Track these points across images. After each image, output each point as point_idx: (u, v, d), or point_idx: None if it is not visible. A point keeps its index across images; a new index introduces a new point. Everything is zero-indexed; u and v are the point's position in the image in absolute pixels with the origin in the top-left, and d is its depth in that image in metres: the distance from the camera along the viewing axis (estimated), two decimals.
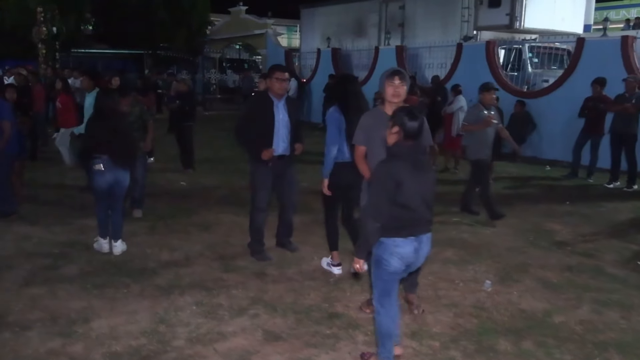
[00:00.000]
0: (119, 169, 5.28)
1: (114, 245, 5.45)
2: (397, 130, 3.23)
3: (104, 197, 5.42)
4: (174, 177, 9.19)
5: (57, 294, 4.51)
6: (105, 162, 5.22)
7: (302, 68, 20.89)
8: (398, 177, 3.13)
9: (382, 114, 4.02)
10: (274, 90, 5.17)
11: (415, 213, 3.22)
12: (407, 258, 3.27)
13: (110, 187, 5.34)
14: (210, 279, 4.89)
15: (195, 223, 6.61)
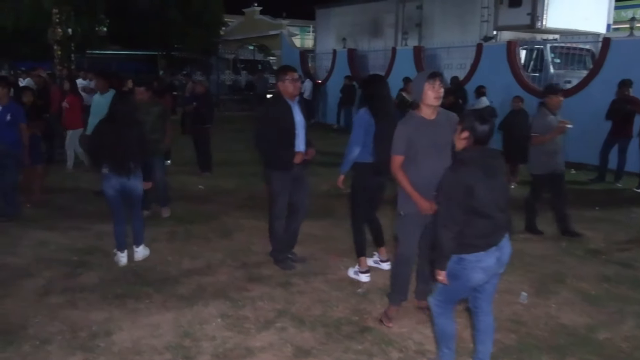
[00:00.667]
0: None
1: (136, 251, 5.31)
2: (467, 135, 3.07)
3: (116, 205, 5.18)
4: (192, 181, 9.04)
5: (77, 304, 4.36)
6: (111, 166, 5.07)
7: (317, 69, 20.70)
8: (469, 184, 2.97)
9: (422, 120, 3.85)
10: (289, 91, 5.00)
11: (492, 220, 3.07)
12: (490, 270, 3.14)
13: (119, 193, 5.13)
14: (234, 289, 4.71)
15: (216, 229, 6.44)
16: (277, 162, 5.01)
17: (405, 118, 3.97)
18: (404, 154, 3.85)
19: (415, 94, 3.89)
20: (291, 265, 5.22)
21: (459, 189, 2.99)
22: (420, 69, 15.07)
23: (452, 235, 3.02)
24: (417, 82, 3.86)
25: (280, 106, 5.00)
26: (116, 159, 5.02)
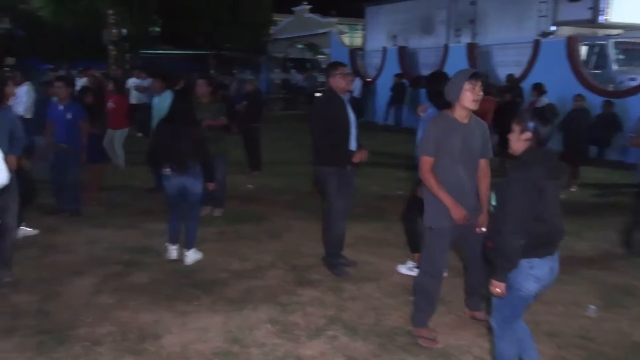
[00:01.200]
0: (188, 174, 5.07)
1: (186, 255, 5.25)
2: (529, 136, 2.84)
3: (176, 203, 5.24)
4: (241, 180, 9.01)
5: (127, 305, 4.34)
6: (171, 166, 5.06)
7: (366, 67, 20.48)
8: (540, 185, 2.76)
9: (453, 121, 3.60)
10: (341, 86, 4.87)
11: (553, 227, 2.85)
12: (543, 280, 2.90)
13: (179, 192, 5.15)
14: (284, 293, 4.60)
15: (265, 229, 6.36)
16: (333, 160, 4.85)
17: (436, 116, 3.70)
18: (433, 155, 3.59)
19: (452, 93, 3.58)
20: (345, 272, 5.05)
21: (530, 191, 2.77)
22: (473, 66, 14.65)
23: (523, 243, 2.78)
24: (455, 81, 3.57)
25: (334, 102, 4.87)
26: (174, 158, 5.01)
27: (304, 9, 26.11)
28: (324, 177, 4.94)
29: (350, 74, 5.13)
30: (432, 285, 3.79)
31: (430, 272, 3.76)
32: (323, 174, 4.93)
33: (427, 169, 3.59)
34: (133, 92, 13.18)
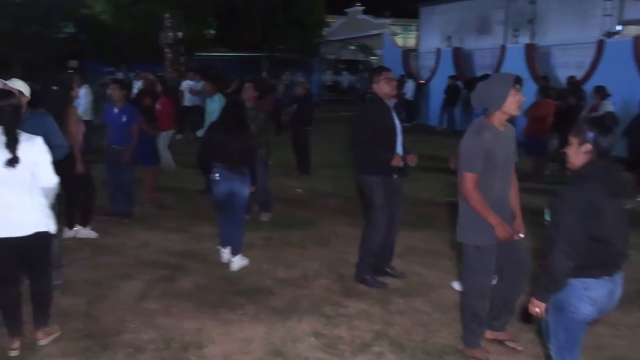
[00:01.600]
0: (234, 179, 5.04)
1: (232, 261, 5.21)
2: (589, 149, 2.62)
3: (224, 207, 5.24)
4: (290, 184, 8.95)
5: (171, 311, 4.31)
6: (221, 171, 5.04)
7: (419, 69, 20.12)
8: (596, 203, 2.54)
9: (495, 131, 3.35)
10: (386, 92, 4.71)
11: (612, 247, 2.62)
12: (600, 303, 2.67)
13: (227, 197, 5.13)
14: (330, 305, 4.46)
15: (312, 236, 6.25)
16: (377, 167, 4.69)
17: (477, 128, 3.40)
18: (480, 172, 3.33)
19: (495, 100, 3.31)
20: (380, 283, 4.87)
21: (585, 209, 2.55)
22: (532, 68, 14.13)
23: (572, 265, 2.58)
24: (498, 86, 3.31)
25: (379, 107, 4.71)
26: (229, 161, 5.01)
27: (357, 10, 25.94)
28: (369, 187, 4.76)
29: (395, 79, 4.96)
30: (481, 306, 3.58)
31: (478, 292, 3.54)
32: (368, 183, 4.76)
33: (472, 186, 3.34)
34: (187, 94, 13.37)
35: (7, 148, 3.31)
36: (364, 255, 4.91)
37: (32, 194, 3.46)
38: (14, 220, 3.40)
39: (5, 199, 3.37)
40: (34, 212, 3.48)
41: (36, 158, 3.44)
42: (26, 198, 3.43)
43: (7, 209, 3.38)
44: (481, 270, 3.51)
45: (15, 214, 3.40)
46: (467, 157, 3.34)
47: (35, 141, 3.48)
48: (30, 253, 3.57)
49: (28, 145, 3.41)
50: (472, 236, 3.45)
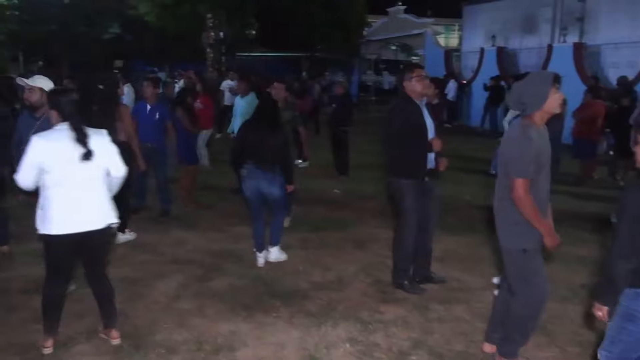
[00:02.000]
0: (262, 178, 4.98)
1: (270, 251, 5.23)
2: None
3: (255, 206, 5.19)
4: (328, 184, 8.83)
5: (205, 312, 4.25)
6: (250, 168, 5.00)
7: (462, 69, 19.72)
8: None
9: (538, 131, 3.14)
10: (417, 91, 4.50)
11: None
12: None
13: (257, 195, 5.08)
14: (366, 310, 4.32)
15: (350, 238, 6.12)
16: (407, 170, 4.51)
17: (521, 130, 3.15)
18: (533, 176, 3.10)
19: (536, 99, 3.10)
20: (418, 289, 4.69)
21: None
22: (580, 68, 13.63)
23: (630, 268, 2.44)
24: (538, 85, 3.10)
25: (409, 106, 4.51)
26: (262, 159, 4.95)
27: (399, 10, 25.70)
28: (399, 190, 4.58)
29: (428, 78, 4.78)
30: (533, 316, 3.35)
31: (532, 300, 3.31)
32: (398, 187, 4.58)
33: (525, 193, 3.09)
34: (227, 93, 13.44)
35: (78, 142, 3.29)
36: (398, 260, 4.75)
37: (101, 188, 3.48)
38: (83, 214, 3.38)
39: (76, 193, 3.34)
40: (101, 206, 3.48)
41: (105, 151, 3.46)
42: (95, 192, 3.44)
43: (77, 203, 3.35)
44: (533, 276, 3.28)
45: (84, 209, 3.38)
46: (517, 162, 3.10)
47: (102, 134, 3.51)
48: (94, 248, 3.56)
49: (96, 138, 3.41)
50: (519, 239, 3.22)
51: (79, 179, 3.35)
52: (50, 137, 3.35)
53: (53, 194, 3.31)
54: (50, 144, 3.31)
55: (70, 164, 3.29)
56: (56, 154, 3.29)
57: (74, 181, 3.33)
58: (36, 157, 3.28)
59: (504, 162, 3.23)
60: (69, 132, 3.32)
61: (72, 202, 3.33)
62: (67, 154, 3.29)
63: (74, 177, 3.33)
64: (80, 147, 3.30)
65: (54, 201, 3.31)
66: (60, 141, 3.30)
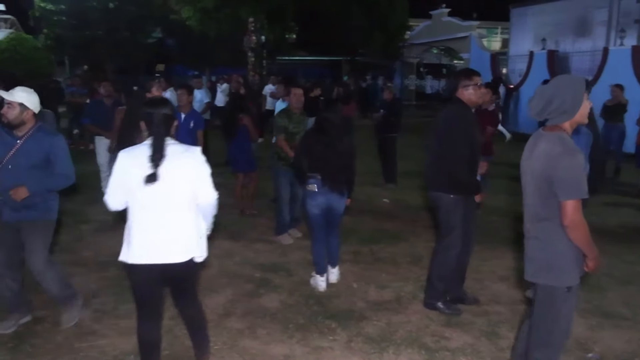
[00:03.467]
0: (332, 192, 4.64)
1: (331, 272, 4.89)
2: None
3: (319, 224, 4.78)
4: (375, 193, 8.52)
5: (257, 333, 4.00)
6: (318, 182, 4.63)
7: (509, 73, 19.11)
8: None
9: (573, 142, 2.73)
10: (473, 100, 4.17)
11: None
12: None
13: (324, 211, 4.71)
14: (430, 335, 3.99)
15: (404, 252, 5.79)
16: (461, 185, 4.16)
17: (565, 143, 2.68)
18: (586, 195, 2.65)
19: (568, 106, 2.68)
20: (456, 309, 4.35)
21: None
22: (638, 72, 12.93)
23: None
24: (573, 90, 2.69)
25: (467, 117, 4.15)
26: (328, 172, 4.60)
27: (442, 13, 25.14)
28: (448, 206, 4.21)
29: (483, 85, 4.44)
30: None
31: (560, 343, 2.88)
32: (447, 202, 4.20)
33: (581, 215, 2.63)
34: (268, 98, 13.28)
35: (151, 162, 2.86)
36: (436, 280, 4.38)
37: (186, 216, 2.98)
38: (163, 245, 2.92)
39: (156, 219, 2.91)
40: (184, 236, 2.98)
41: (193, 173, 2.99)
42: (178, 220, 2.95)
43: (155, 232, 2.91)
44: (567, 316, 2.82)
45: (164, 238, 2.92)
46: (571, 181, 2.62)
47: (193, 152, 3.04)
48: (177, 280, 3.12)
49: (184, 157, 2.97)
50: (564, 276, 2.75)
51: (160, 203, 2.90)
52: (134, 153, 2.93)
53: (134, 219, 2.94)
54: (134, 161, 2.90)
55: (145, 186, 2.87)
56: (136, 174, 2.87)
57: (152, 206, 2.90)
58: (121, 175, 2.91)
59: (546, 182, 2.70)
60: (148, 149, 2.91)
61: (152, 229, 2.91)
62: (144, 174, 2.87)
63: (152, 201, 2.89)
64: (151, 167, 2.85)
65: (134, 226, 2.93)
66: (140, 158, 2.88)
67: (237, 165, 7.16)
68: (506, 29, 25.00)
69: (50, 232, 3.97)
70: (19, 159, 3.71)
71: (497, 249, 5.83)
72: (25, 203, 3.73)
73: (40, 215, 3.85)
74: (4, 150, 3.73)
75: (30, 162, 3.73)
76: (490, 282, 4.96)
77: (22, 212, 3.78)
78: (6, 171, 3.71)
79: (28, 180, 3.70)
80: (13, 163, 3.71)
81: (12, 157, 3.70)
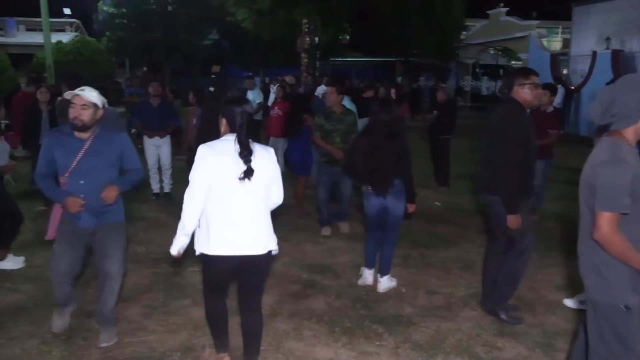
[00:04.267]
0: (387, 193, 4.52)
1: (379, 281, 4.75)
2: None
3: (375, 225, 4.74)
4: (427, 195, 8.33)
5: (302, 334, 3.95)
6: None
7: (570, 74, 18.41)
8: None
9: (632, 150, 2.43)
10: (529, 100, 3.98)
11: None
12: None
13: (380, 213, 4.63)
14: (481, 344, 3.84)
15: (455, 258, 5.62)
16: (523, 189, 3.96)
17: (614, 150, 2.41)
18: (627, 208, 2.36)
19: (632, 110, 2.41)
20: (517, 319, 4.16)
21: None
22: None
23: None
24: (626, 93, 2.40)
25: (523, 117, 3.97)
26: (375, 175, 4.52)
27: (500, 12, 24.51)
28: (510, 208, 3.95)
29: (540, 85, 4.26)
30: None
31: None
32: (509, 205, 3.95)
33: (614, 229, 2.37)
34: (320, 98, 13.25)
35: (242, 158, 2.99)
36: (505, 286, 4.18)
37: (263, 210, 3.14)
38: (243, 238, 3.05)
39: (237, 214, 3.03)
40: (263, 230, 3.12)
41: (269, 171, 3.12)
42: (257, 214, 3.09)
43: (237, 225, 3.03)
44: (633, 334, 2.50)
45: (244, 232, 3.05)
46: (609, 191, 2.37)
47: (269, 151, 3.19)
48: (251, 274, 3.24)
49: (264, 155, 3.11)
50: (620, 294, 2.47)
51: (241, 198, 3.02)
52: (218, 148, 3.03)
53: (214, 213, 3.02)
54: (220, 156, 3.00)
55: (233, 180, 2.99)
56: (221, 168, 2.98)
57: (236, 200, 3.01)
58: (207, 170, 2.98)
59: (589, 190, 2.48)
60: (235, 146, 3.01)
61: (233, 223, 3.02)
62: (231, 169, 2.98)
63: (236, 196, 3.01)
64: (243, 163, 2.98)
65: (216, 220, 3.02)
66: (226, 154, 3.00)
67: (300, 169, 6.98)
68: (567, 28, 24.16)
69: (125, 234, 3.91)
70: (92, 160, 3.54)
71: (555, 256, 5.58)
72: (104, 206, 3.58)
73: (116, 217, 3.72)
74: (72, 153, 3.52)
75: (106, 161, 3.60)
76: (547, 292, 4.74)
77: (101, 216, 3.63)
78: (80, 174, 3.52)
79: (108, 180, 3.57)
80: (87, 165, 3.53)
81: (84, 159, 3.51)
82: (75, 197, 3.47)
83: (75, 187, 3.51)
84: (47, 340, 3.81)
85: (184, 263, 5.24)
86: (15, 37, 29.33)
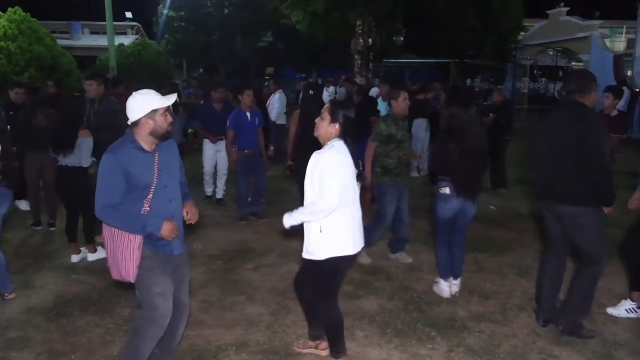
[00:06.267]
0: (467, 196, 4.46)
1: (453, 284, 4.71)
2: None
3: (447, 228, 4.64)
4: (481, 199, 8.14)
5: (355, 335, 3.98)
6: (451, 185, 4.45)
7: (635, 76, 17.67)
8: None
9: None
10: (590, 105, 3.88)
11: None
12: None
13: (455, 216, 4.55)
14: (536, 351, 3.76)
15: (511, 263, 5.52)
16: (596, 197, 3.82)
17: None
18: None
19: None
20: (594, 331, 4.01)
21: None
22: None
23: None
24: None
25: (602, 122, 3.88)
26: (460, 178, 4.42)
27: (561, 12, 23.75)
28: (597, 221, 3.83)
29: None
30: None
31: None
32: (596, 217, 3.83)
33: None
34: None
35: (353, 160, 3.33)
36: (584, 303, 4.00)
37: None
38: (358, 236, 3.39)
39: (355, 213, 3.37)
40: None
41: None
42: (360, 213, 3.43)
43: (357, 224, 3.38)
44: None
45: (359, 229, 3.40)
46: None
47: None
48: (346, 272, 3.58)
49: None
50: None
51: (356, 198, 3.37)
52: (343, 152, 3.29)
53: (344, 214, 3.27)
54: (346, 159, 3.29)
55: (352, 182, 3.30)
56: (350, 172, 3.29)
57: (355, 201, 3.35)
58: (342, 174, 3.23)
59: None
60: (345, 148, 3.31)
61: (355, 221, 3.36)
62: (351, 172, 3.30)
63: (355, 197, 3.35)
64: (355, 167, 3.32)
65: (344, 221, 3.28)
66: (348, 158, 3.30)
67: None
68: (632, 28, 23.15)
69: None
70: (166, 175, 3.00)
71: (615, 264, 5.38)
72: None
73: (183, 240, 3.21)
74: (148, 169, 2.93)
75: (175, 174, 3.11)
76: (607, 301, 4.58)
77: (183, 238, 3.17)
78: (165, 193, 2.98)
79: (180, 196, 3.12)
80: (166, 181, 2.99)
81: (160, 175, 2.95)
82: (170, 221, 2.93)
83: (165, 208, 2.97)
84: (110, 330, 3.99)
85: (238, 261, 5.37)
86: (80, 40, 30.68)
